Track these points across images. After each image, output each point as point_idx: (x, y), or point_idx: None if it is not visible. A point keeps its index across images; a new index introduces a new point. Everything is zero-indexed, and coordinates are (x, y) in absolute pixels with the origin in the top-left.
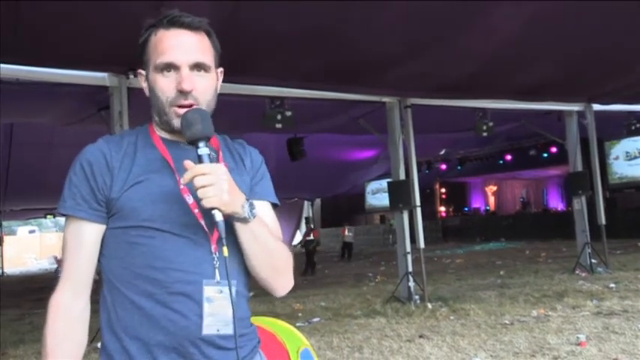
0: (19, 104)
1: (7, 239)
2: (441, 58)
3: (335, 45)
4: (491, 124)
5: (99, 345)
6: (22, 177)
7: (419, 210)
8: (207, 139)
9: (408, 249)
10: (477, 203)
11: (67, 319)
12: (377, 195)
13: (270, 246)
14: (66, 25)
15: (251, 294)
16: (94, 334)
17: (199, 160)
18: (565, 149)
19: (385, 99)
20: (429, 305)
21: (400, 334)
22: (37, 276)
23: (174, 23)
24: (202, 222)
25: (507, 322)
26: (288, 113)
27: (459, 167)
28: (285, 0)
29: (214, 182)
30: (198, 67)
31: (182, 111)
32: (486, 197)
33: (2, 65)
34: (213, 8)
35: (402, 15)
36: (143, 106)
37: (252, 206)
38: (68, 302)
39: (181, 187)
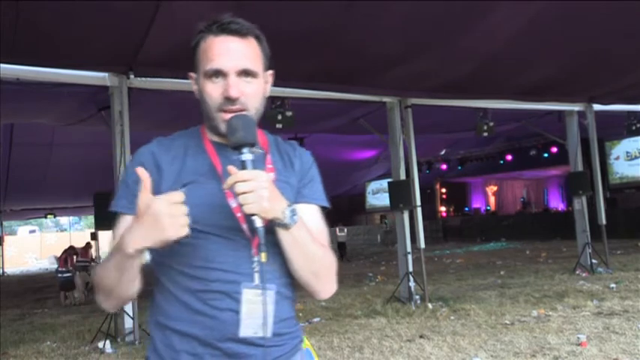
0: (19, 105)
1: (7, 239)
2: (442, 58)
3: (335, 45)
4: (491, 124)
5: (100, 345)
6: (23, 177)
7: (419, 210)
8: (250, 145)
9: (409, 249)
10: (477, 203)
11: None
12: (377, 195)
13: (311, 251)
14: (66, 25)
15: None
16: (95, 333)
17: (242, 166)
18: (565, 149)
19: (385, 99)
20: (430, 305)
21: (400, 334)
22: (37, 276)
23: (223, 30)
24: (244, 226)
25: (508, 322)
26: (289, 113)
27: (459, 167)
28: (286, 0)
29: (254, 189)
30: (245, 73)
31: (229, 116)
32: (487, 197)
33: (3, 65)
34: (214, 8)
35: (402, 15)
36: (143, 106)
37: (293, 212)
38: None
39: (226, 190)
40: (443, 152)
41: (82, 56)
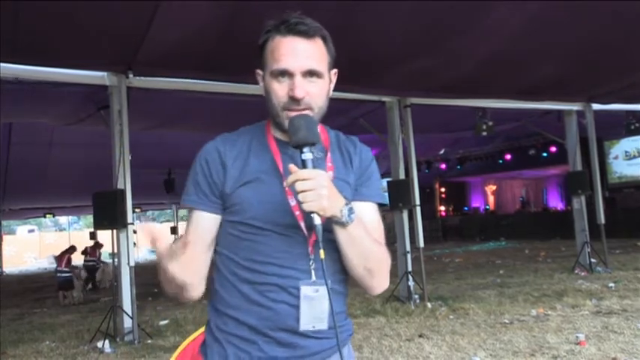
0: (18, 104)
1: (6, 238)
2: (441, 57)
3: (335, 45)
4: (490, 123)
5: (99, 344)
6: (21, 176)
7: (418, 209)
8: (311, 145)
9: (408, 248)
10: (476, 203)
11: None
12: None
13: (366, 249)
14: (65, 25)
15: None
16: (93, 333)
17: (303, 164)
18: (565, 149)
19: (385, 98)
20: (429, 304)
21: (400, 333)
22: (37, 275)
23: (290, 30)
24: (302, 224)
25: (507, 321)
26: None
27: (458, 167)
28: (286, 0)
29: (314, 188)
30: (310, 74)
31: (293, 114)
32: (486, 197)
33: (2, 65)
34: (212, 9)
35: (401, 15)
36: (142, 105)
37: (350, 211)
38: (197, 251)
39: (286, 188)
40: (442, 152)
41: (81, 56)
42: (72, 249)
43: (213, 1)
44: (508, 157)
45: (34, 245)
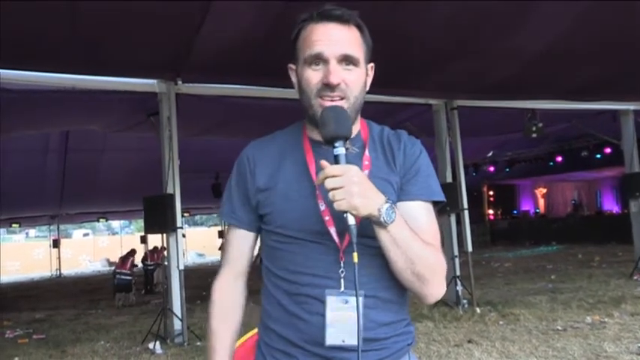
0: (74, 113)
1: (63, 242)
2: (488, 58)
3: (380, 47)
4: (540, 124)
5: (150, 346)
6: (77, 182)
7: (466, 213)
8: (344, 139)
9: (456, 252)
10: (526, 206)
11: (229, 297)
12: None
13: (413, 251)
14: (116, 35)
15: None
16: (145, 334)
17: (335, 160)
18: (620, 150)
19: (431, 101)
20: (478, 310)
21: (448, 338)
22: (91, 277)
23: (324, 16)
24: (332, 229)
25: (560, 328)
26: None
27: (507, 169)
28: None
29: (344, 184)
30: (347, 60)
31: (328, 103)
32: (536, 200)
33: (60, 75)
34: (258, 11)
35: (447, 15)
36: (190, 111)
37: (390, 209)
38: (230, 284)
39: (317, 192)
40: (490, 154)
41: (132, 64)
42: (133, 252)
43: (259, 2)
44: (559, 159)
45: (89, 248)
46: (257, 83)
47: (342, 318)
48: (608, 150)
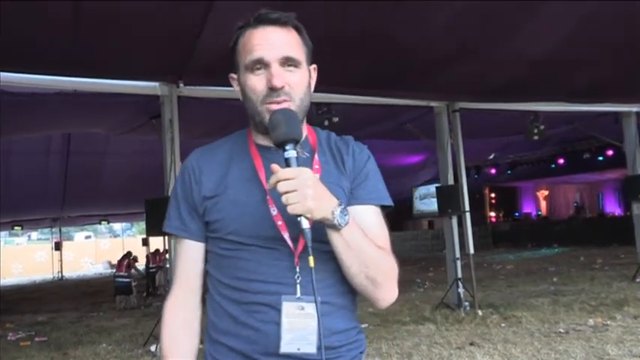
0: (76, 115)
1: (65, 244)
2: (490, 60)
3: (382, 49)
4: (542, 127)
5: (152, 348)
6: (79, 184)
7: (468, 215)
8: (294, 142)
9: (458, 255)
10: (528, 208)
11: (182, 317)
12: (425, 200)
13: (366, 255)
14: (119, 38)
15: None
16: (147, 337)
17: (286, 164)
18: (622, 152)
19: (433, 103)
20: (480, 312)
21: (450, 341)
22: (93, 280)
23: (261, 21)
24: (285, 234)
25: (562, 330)
26: (335, 119)
27: (508, 171)
28: (330, 0)
29: (297, 187)
30: (288, 61)
31: (275, 107)
32: (538, 202)
33: (61, 78)
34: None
35: (449, 17)
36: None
37: (343, 212)
38: (181, 302)
39: (267, 197)
40: (492, 156)
41: (134, 67)
42: (129, 254)
43: (260, 2)
44: (561, 161)
45: (91, 251)
46: None
47: (298, 325)
48: (610, 152)
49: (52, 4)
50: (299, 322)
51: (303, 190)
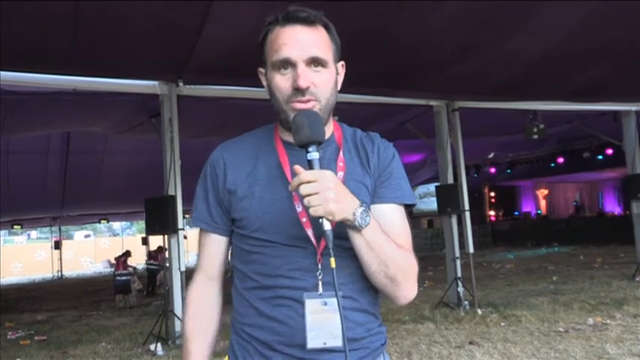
0: (75, 114)
1: (64, 243)
2: (490, 59)
3: (382, 48)
4: (542, 126)
5: (151, 347)
6: (78, 183)
7: (468, 214)
8: (317, 144)
9: (457, 254)
10: (527, 207)
11: (205, 300)
12: (424, 199)
13: (386, 254)
14: (119, 37)
15: None
16: (146, 336)
17: (309, 165)
18: (622, 151)
19: (432, 102)
20: (479, 311)
21: (449, 340)
22: (93, 279)
23: (289, 19)
24: (309, 232)
25: (561, 329)
26: (335, 118)
27: (508, 170)
28: (331, 1)
29: (319, 190)
30: (315, 62)
31: (300, 106)
32: (537, 201)
33: (61, 77)
34: (259, 10)
35: (450, 16)
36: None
37: (365, 213)
38: (204, 289)
39: (293, 193)
40: (491, 155)
41: (133, 66)
42: (127, 253)
43: (260, 2)
44: (560, 160)
45: (90, 250)
46: (258, 85)
47: (321, 320)
48: (609, 151)
49: (52, 3)
50: (323, 317)
51: (325, 192)
